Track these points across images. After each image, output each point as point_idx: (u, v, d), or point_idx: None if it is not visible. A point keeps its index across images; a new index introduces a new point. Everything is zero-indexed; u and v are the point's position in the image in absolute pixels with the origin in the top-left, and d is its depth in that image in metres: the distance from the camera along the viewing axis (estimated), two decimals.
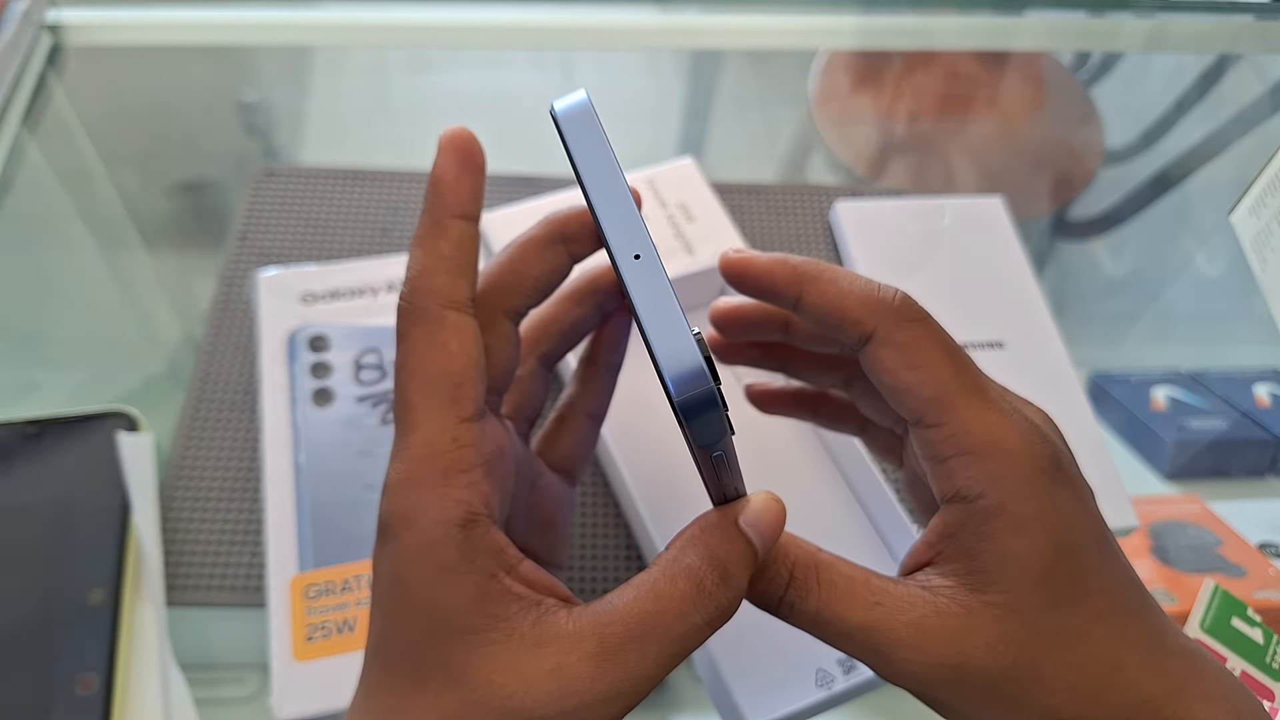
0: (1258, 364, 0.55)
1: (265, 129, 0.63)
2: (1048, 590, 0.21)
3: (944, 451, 0.22)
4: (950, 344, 0.23)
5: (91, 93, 0.60)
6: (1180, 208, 0.65)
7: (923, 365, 0.23)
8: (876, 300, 0.23)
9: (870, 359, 0.23)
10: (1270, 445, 0.51)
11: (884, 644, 0.21)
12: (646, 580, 0.21)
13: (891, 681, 0.22)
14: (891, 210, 0.54)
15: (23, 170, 0.55)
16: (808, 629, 0.23)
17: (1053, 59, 0.72)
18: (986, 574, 0.21)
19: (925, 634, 0.21)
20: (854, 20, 0.71)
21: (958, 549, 0.22)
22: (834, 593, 0.22)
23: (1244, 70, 0.71)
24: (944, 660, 0.21)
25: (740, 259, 0.25)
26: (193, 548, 0.41)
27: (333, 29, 0.65)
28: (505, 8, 0.66)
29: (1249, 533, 0.46)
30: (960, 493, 0.22)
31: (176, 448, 0.43)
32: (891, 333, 0.23)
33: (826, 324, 0.24)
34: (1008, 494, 0.21)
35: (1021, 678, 0.21)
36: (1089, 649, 0.21)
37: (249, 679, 0.40)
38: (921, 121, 0.67)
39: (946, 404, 0.22)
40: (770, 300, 0.25)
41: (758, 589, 0.23)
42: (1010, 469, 0.22)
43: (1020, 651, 0.21)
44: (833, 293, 0.23)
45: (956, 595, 0.22)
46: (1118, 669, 0.21)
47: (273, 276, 0.46)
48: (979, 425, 0.22)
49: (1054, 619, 0.21)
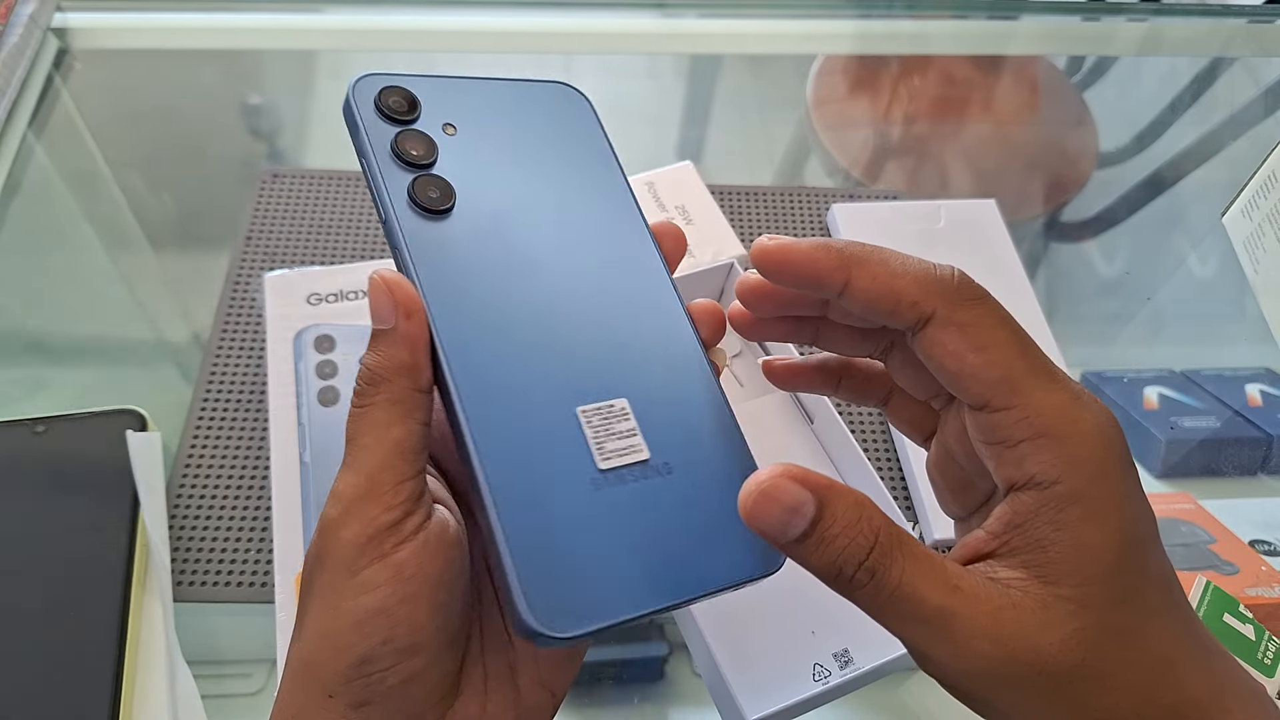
0: (1249, 363, 0.55)
1: (270, 132, 0.63)
2: (1116, 585, 0.20)
3: (1015, 435, 0.21)
4: (1014, 323, 0.22)
5: (97, 96, 0.60)
6: (1173, 209, 0.65)
7: (988, 346, 0.21)
8: (934, 279, 0.22)
9: (928, 342, 0.22)
10: (1262, 443, 0.52)
11: (961, 633, 0.20)
12: None
13: (949, 677, 0.21)
14: (887, 212, 0.54)
15: (30, 172, 0.55)
16: (878, 605, 0.21)
17: (1047, 62, 0.73)
18: (1060, 565, 0.20)
19: (1003, 626, 0.20)
20: (851, 25, 0.71)
21: (1028, 540, 0.21)
22: (918, 568, 0.20)
23: (1237, 73, 0.72)
24: (1019, 655, 0.20)
25: (778, 246, 0.23)
26: (200, 545, 0.41)
27: (337, 33, 0.66)
28: (507, 12, 0.66)
29: (1241, 530, 0.47)
30: (1034, 478, 0.21)
31: (184, 446, 0.44)
32: (953, 313, 0.22)
33: (877, 309, 0.22)
34: (1085, 479, 0.20)
35: (1087, 676, 0.20)
36: (1147, 646, 0.20)
37: (256, 674, 0.40)
38: (917, 125, 0.68)
39: (1016, 386, 0.21)
40: (813, 289, 0.24)
41: (835, 548, 0.20)
42: (1086, 453, 0.20)
43: (1089, 650, 0.20)
44: (884, 274, 0.22)
45: (1029, 588, 0.20)
46: (1170, 667, 0.20)
47: (279, 277, 0.47)
48: (1051, 408, 0.21)
49: (1120, 615, 0.20)
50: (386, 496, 0.21)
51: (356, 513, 0.21)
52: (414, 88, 0.26)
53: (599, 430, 0.23)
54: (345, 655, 0.21)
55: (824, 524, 0.20)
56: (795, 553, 0.20)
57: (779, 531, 0.20)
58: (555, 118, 0.28)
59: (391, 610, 0.21)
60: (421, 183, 0.25)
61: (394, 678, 0.21)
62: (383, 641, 0.21)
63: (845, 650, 0.38)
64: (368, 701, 0.21)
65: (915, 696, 0.43)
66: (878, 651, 0.37)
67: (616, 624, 0.21)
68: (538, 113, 0.28)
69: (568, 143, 0.28)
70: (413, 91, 0.26)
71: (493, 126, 0.27)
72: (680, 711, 0.42)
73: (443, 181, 0.25)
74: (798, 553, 0.20)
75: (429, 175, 0.25)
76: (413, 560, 0.21)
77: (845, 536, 0.20)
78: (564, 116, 0.28)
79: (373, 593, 0.21)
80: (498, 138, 0.27)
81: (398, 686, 0.21)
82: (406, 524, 0.21)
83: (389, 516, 0.21)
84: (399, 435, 0.22)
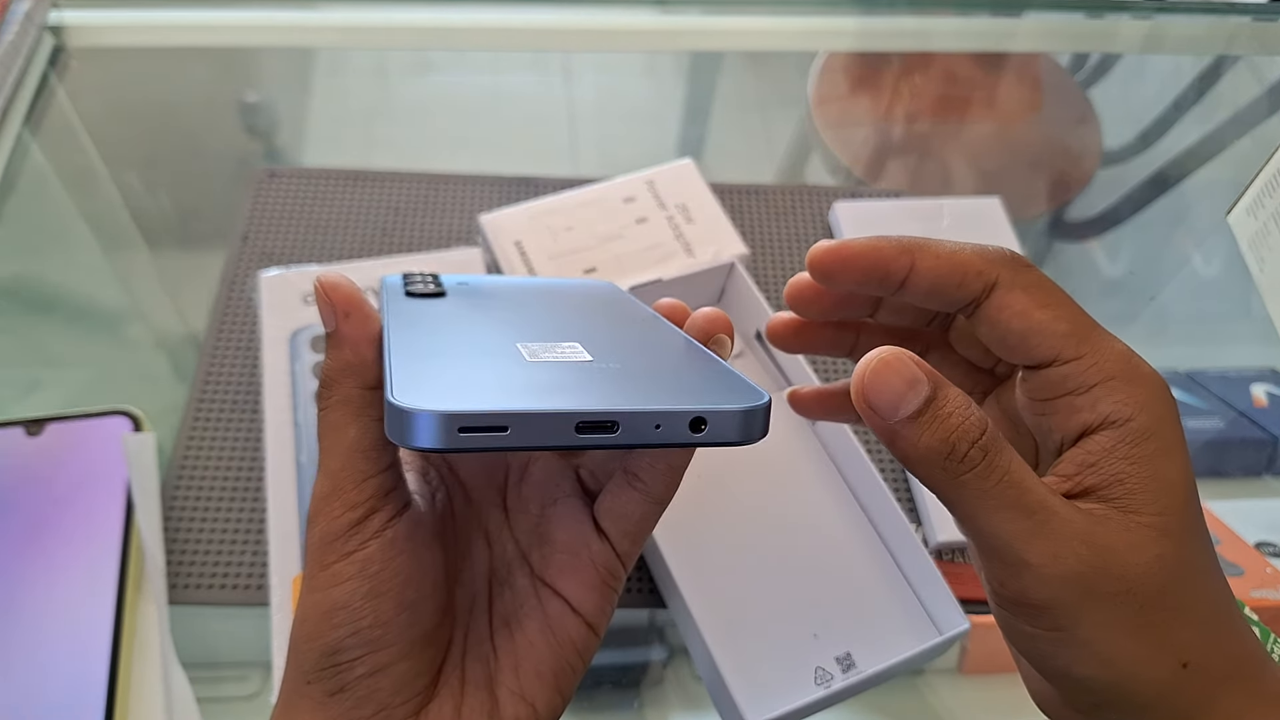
0: (1255, 364, 0.55)
1: (267, 130, 0.63)
2: (1189, 517, 0.21)
3: (1087, 381, 0.22)
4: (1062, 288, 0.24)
5: (93, 94, 0.60)
6: (1177, 208, 0.65)
7: (1052, 304, 0.23)
8: (991, 253, 0.23)
9: (996, 307, 0.23)
10: (1267, 445, 0.51)
11: (1060, 532, 0.20)
12: None
13: (1042, 586, 0.20)
14: (890, 211, 0.54)
15: (25, 171, 0.55)
16: (984, 489, 0.20)
17: (1050, 60, 0.73)
18: (1139, 496, 0.21)
19: (1097, 536, 0.20)
20: (853, 22, 0.71)
21: (1104, 475, 0.21)
22: (1021, 463, 0.21)
23: (1241, 71, 0.71)
24: (1111, 568, 0.20)
25: (838, 247, 0.24)
26: (195, 547, 0.41)
27: (334, 30, 0.66)
28: (506, 9, 0.66)
29: (1246, 532, 0.46)
30: (1109, 418, 0.22)
31: (179, 447, 0.44)
32: (1015, 277, 0.23)
33: (945, 284, 0.24)
34: (1155, 418, 0.21)
35: (1168, 605, 0.20)
36: (1213, 587, 0.21)
37: (251, 677, 0.40)
38: (920, 123, 0.67)
39: (1083, 336, 0.22)
40: (876, 281, 0.24)
41: (951, 424, 0.20)
42: (1154, 395, 0.22)
43: (1170, 576, 0.20)
44: (946, 253, 0.24)
45: (1111, 515, 0.21)
46: (1230, 616, 0.21)
47: (275, 276, 0.47)
48: (1117, 355, 0.22)
49: (1192, 550, 0.21)
50: (350, 494, 0.22)
51: (323, 510, 0.22)
52: (445, 282, 0.29)
53: (537, 351, 0.22)
54: (315, 644, 0.22)
55: (938, 402, 0.20)
56: (906, 431, 0.20)
57: (893, 405, 0.20)
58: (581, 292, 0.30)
59: (356, 605, 0.21)
60: (419, 280, 0.27)
61: (362, 668, 0.22)
62: (350, 634, 0.21)
63: (848, 654, 0.37)
64: (340, 690, 0.22)
65: (919, 701, 0.43)
66: (881, 655, 0.37)
67: (495, 426, 0.17)
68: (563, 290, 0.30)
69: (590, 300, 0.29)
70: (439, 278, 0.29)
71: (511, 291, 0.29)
72: (681, 715, 0.42)
73: (439, 284, 0.28)
74: (909, 431, 0.20)
75: (429, 282, 0.28)
76: (378, 557, 0.22)
77: (960, 415, 0.20)
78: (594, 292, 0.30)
79: (341, 586, 0.22)
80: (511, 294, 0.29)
81: (366, 677, 0.22)
82: (372, 520, 0.22)
83: (352, 514, 0.22)
84: (354, 435, 0.22)
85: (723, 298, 0.48)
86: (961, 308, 0.24)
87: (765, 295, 0.49)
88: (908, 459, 0.21)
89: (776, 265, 0.53)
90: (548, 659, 0.24)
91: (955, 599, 0.37)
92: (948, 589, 0.37)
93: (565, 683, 0.25)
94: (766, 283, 0.52)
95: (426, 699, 0.23)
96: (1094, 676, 0.21)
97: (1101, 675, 0.21)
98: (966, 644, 0.42)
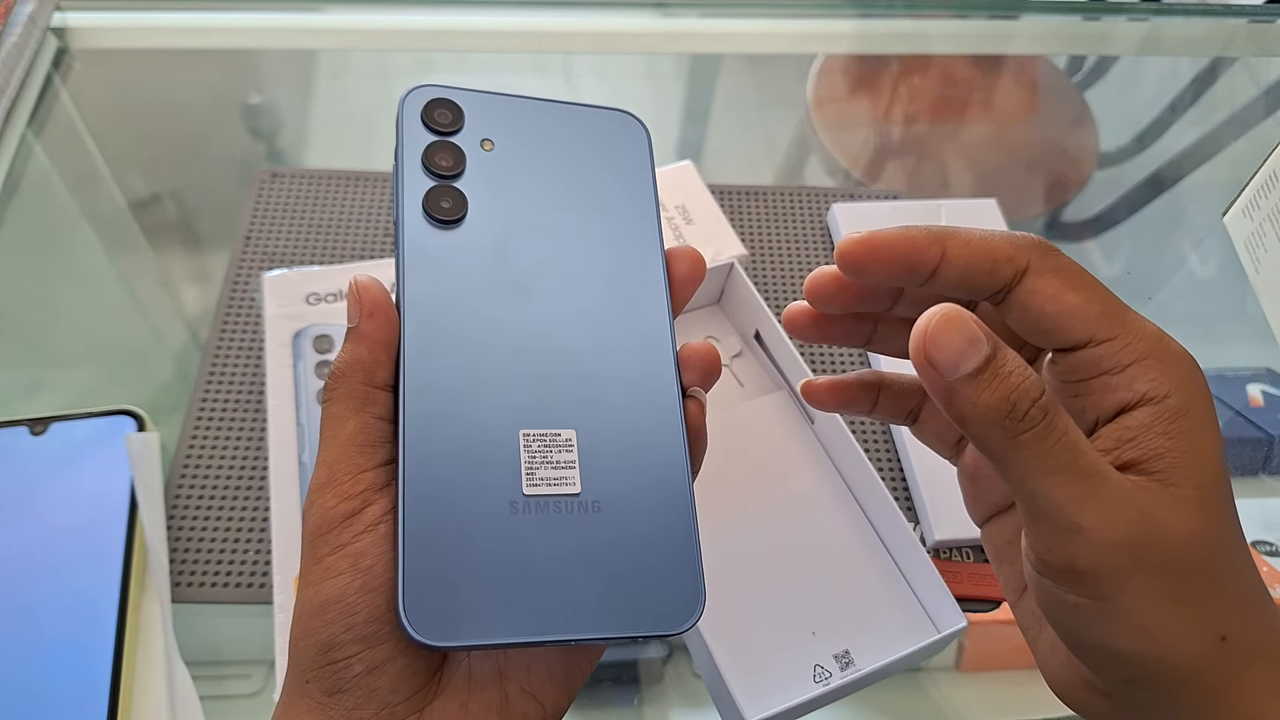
0: (1250, 363, 0.55)
1: (270, 132, 0.63)
2: (1224, 491, 0.21)
3: (1123, 360, 0.22)
4: None
5: (97, 95, 0.60)
6: (1174, 209, 0.65)
7: (1084, 286, 0.23)
8: (1020, 238, 0.23)
9: (1028, 291, 0.23)
10: (1264, 444, 0.52)
11: (1112, 497, 0.20)
12: None
13: (1093, 551, 0.21)
14: (888, 212, 0.54)
15: (29, 172, 0.55)
16: (1043, 449, 0.20)
17: (1047, 62, 0.73)
18: (1178, 470, 0.21)
19: (1144, 504, 0.20)
20: (851, 24, 0.71)
21: (1143, 450, 0.21)
22: (1077, 428, 0.21)
23: (1237, 73, 0.72)
24: (1157, 536, 0.20)
25: (867, 239, 0.24)
26: (198, 545, 0.41)
27: (336, 33, 0.66)
28: (507, 12, 0.66)
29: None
30: (1146, 395, 0.22)
31: (182, 446, 0.44)
32: (1045, 262, 0.23)
33: (976, 270, 0.23)
34: (1191, 395, 0.22)
35: (1209, 577, 0.21)
36: (1246, 563, 0.21)
37: (255, 675, 0.40)
38: (917, 124, 0.68)
39: (1116, 317, 0.22)
40: (907, 271, 0.24)
41: (1011, 383, 0.20)
42: (1187, 373, 0.22)
43: (1210, 548, 0.21)
44: (976, 239, 0.23)
45: (1153, 487, 0.21)
46: (1262, 593, 0.21)
47: (277, 277, 0.47)
48: (1150, 335, 0.22)
49: (1229, 523, 0.21)
50: (344, 486, 0.22)
51: (317, 502, 0.22)
52: (463, 101, 0.27)
53: (535, 456, 0.23)
54: (311, 640, 0.22)
55: (998, 361, 0.20)
56: (965, 389, 0.20)
57: (953, 362, 0.20)
58: (602, 145, 0.28)
59: (350, 599, 0.21)
60: (438, 191, 0.26)
61: (359, 665, 0.21)
62: (344, 629, 0.21)
63: (846, 651, 0.38)
64: (338, 689, 0.21)
65: (917, 698, 0.43)
66: (879, 653, 0.37)
67: (489, 646, 0.21)
68: (585, 138, 0.28)
69: (606, 171, 0.28)
70: (460, 105, 0.27)
71: (533, 147, 0.27)
72: (680, 713, 0.42)
73: (459, 194, 0.26)
74: (968, 389, 0.20)
75: (448, 186, 0.26)
76: (371, 551, 0.22)
77: (1020, 374, 0.20)
78: (613, 145, 0.28)
79: (333, 580, 0.22)
80: (534, 159, 0.27)
81: (363, 675, 0.21)
82: (365, 514, 0.22)
83: (345, 506, 0.22)
84: (353, 428, 0.23)
85: (722, 298, 0.48)
86: (989, 295, 0.24)
87: (764, 296, 0.49)
88: (964, 418, 0.21)
89: (775, 266, 0.53)
90: (559, 660, 0.24)
91: (953, 597, 0.37)
92: (945, 587, 0.38)
93: (573, 684, 0.25)
94: (765, 283, 0.52)
95: (429, 695, 0.23)
96: (1132, 650, 0.21)
97: (1140, 648, 0.21)
98: (964, 642, 0.42)
